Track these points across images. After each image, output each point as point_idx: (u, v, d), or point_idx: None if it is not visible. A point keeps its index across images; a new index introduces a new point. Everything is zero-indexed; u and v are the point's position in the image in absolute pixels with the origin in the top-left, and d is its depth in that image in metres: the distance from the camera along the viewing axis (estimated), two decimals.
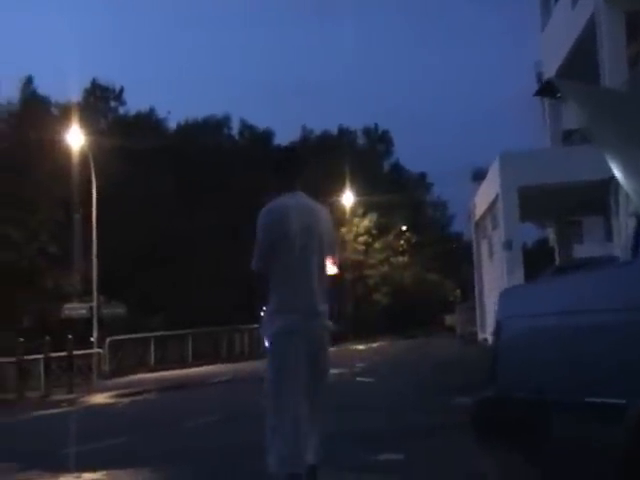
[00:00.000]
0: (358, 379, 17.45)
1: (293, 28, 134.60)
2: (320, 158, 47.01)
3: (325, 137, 54.44)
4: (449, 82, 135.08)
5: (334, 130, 55.54)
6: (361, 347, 35.27)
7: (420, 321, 48.60)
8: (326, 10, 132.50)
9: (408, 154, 78.42)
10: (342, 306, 48.22)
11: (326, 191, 44.82)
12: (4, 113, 38.88)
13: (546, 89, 5.08)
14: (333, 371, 16.14)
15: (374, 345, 36.93)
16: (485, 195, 29.90)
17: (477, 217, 34.10)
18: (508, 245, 23.43)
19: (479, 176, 32.55)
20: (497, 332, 4.76)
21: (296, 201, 4.57)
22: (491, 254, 30.22)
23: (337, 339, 39.05)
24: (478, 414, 4.68)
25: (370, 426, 9.36)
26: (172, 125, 46.53)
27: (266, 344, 4.44)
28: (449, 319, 47.79)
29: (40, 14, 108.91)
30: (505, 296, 5.05)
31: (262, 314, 4.50)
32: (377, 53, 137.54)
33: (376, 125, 57.57)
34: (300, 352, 4.30)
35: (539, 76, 27.66)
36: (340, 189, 46.64)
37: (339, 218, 48.74)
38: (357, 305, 47.95)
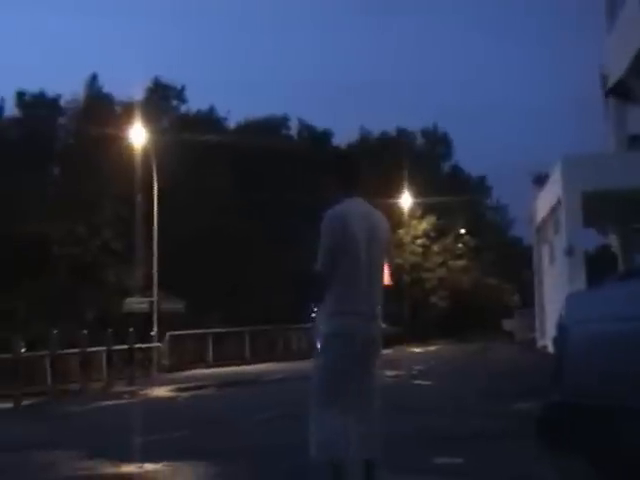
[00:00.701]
0: (415, 382, 17.36)
1: (352, 27, 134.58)
2: (378, 159, 46.97)
3: (383, 138, 54.26)
4: (509, 83, 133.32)
5: (393, 131, 55.34)
6: (418, 350, 35.09)
7: (478, 325, 48.09)
8: (385, 9, 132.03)
9: (467, 156, 77.72)
10: (399, 308, 48.09)
11: (384, 193, 44.81)
12: (70, 110, 39.90)
13: (617, 90, 5.01)
14: (390, 373, 16.09)
15: (431, 348, 36.69)
16: (546, 199, 29.45)
17: (538, 221, 33.60)
18: (570, 251, 23.03)
19: (540, 180, 32.06)
20: (563, 336, 4.69)
21: (357, 207, 4.69)
22: (552, 259, 29.74)
23: (393, 341, 39.02)
24: (542, 419, 4.62)
25: (428, 429, 9.31)
26: (231, 124, 47.02)
27: (318, 343, 4.57)
28: (507, 324, 47.18)
29: (106, 15, 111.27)
30: (571, 300, 4.98)
31: (314, 315, 4.66)
32: (437, 53, 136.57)
33: (435, 126, 57.18)
34: (354, 354, 4.43)
35: (603, 79, 27.06)
36: (398, 191, 46.48)
37: (397, 220, 48.57)
38: (414, 308, 47.71)
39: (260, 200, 39.63)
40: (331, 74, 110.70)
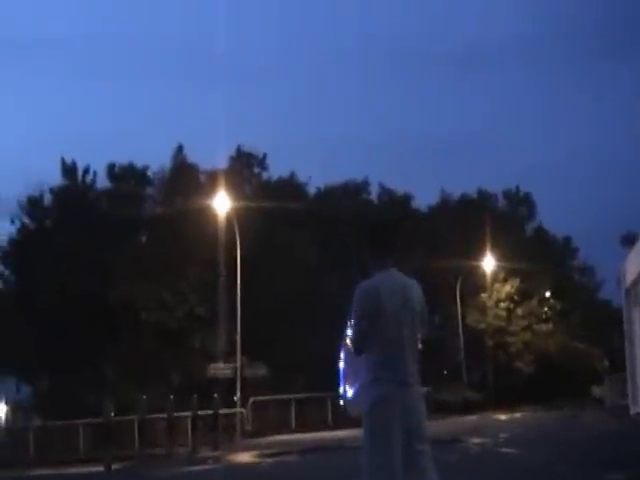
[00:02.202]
0: (502, 450, 16.92)
1: (430, 88, 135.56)
2: (460, 222, 46.73)
3: (464, 200, 54.02)
4: (593, 139, 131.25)
5: (473, 193, 55.07)
6: (503, 417, 34.13)
7: (565, 392, 46.52)
8: (465, 66, 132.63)
9: (552, 217, 76.19)
10: (482, 374, 47.07)
11: (466, 256, 44.42)
12: (156, 180, 41.40)
13: None
14: (475, 440, 15.76)
15: (517, 415, 35.62)
16: (638, 260, 28.64)
17: (628, 283, 32.60)
18: None
19: (629, 240, 31.29)
20: None
21: (389, 279, 4.81)
22: None
23: (477, 408, 38.07)
24: None
25: None
26: (312, 189, 47.66)
27: (362, 413, 4.74)
28: (597, 390, 45.48)
29: (189, 86, 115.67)
30: None
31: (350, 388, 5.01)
32: (516, 109, 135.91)
33: (517, 187, 56.59)
34: (395, 419, 4.57)
35: None
36: (481, 254, 45.99)
37: (479, 284, 47.96)
38: (498, 373, 46.60)
39: (342, 264, 39.80)
40: (411, 136, 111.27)
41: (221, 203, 30.08)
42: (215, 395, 22.87)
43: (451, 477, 11.82)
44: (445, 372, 47.25)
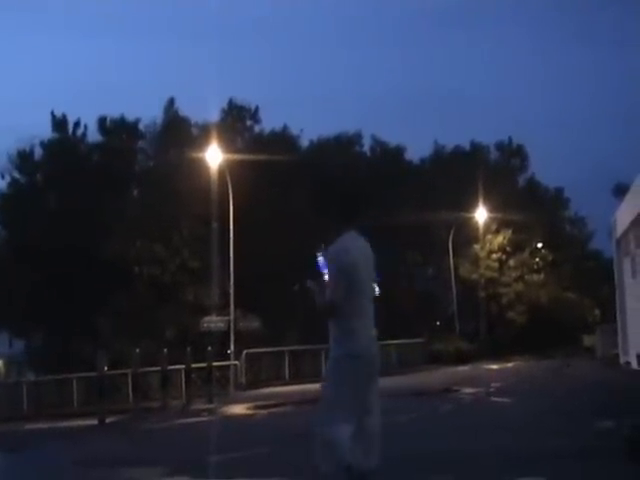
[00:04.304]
0: (493, 399, 17.10)
1: (423, 42, 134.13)
2: (452, 173, 46.60)
3: (457, 152, 53.80)
4: (586, 91, 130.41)
5: (466, 145, 54.82)
6: (495, 367, 34.49)
7: (557, 341, 46.99)
8: (458, 22, 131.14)
9: (544, 168, 76.01)
10: (475, 324, 47.45)
11: (458, 207, 44.41)
12: (148, 133, 41.02)
13: None
14: (467, 390, 15.89)
15: (509, 365, 36.00)
16: (629, 211, 28.67)
17: (619, 234, 32.72)
18: None
19: (621, 191, 31.28)
20: None
21: (356, 241, 5.24)
22: (634, 273, 28.90)
23: (469, 358, 38.44)
24: (633, 438, 4.53)
25: (507, 448, 9.17)
26: (305, 142, 47.35)
27: (332, 363, 5.12)
28: (588, 340, 45.92)
29: (180, 39, 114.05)
30: None
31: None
32: (509, 62, 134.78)
33: (510, 139, 56.34)
34: (361, 373, 4.99)
35: None
36: (473, 205, 45.98)
37: (472, 235, 48.06)
38: (491, 324, 46.98)
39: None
40: (403, 89, 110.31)
41: (213, 156, 29.85)
42: (209, 348, 22.97)
43: (445, 426, 11.97)
44: (438, 323, 47.63)
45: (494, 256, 48.72)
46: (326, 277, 5.14)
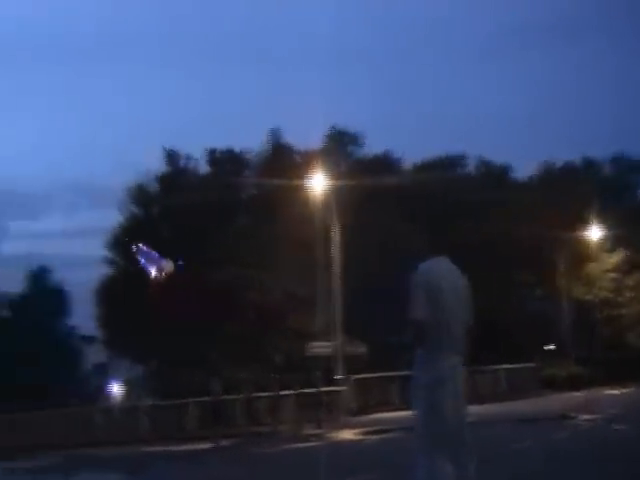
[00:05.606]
0: (614, 427, 16.27)
1: (526, 58, 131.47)
2: (563, 190, 45.19)
3: (568, 169, 52.21)
4: None
5: (578, 161, 53.16)
6: (614, 392, 33.01)
7: None
8: (565, 34, 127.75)
9: None
10: (589, 347, 45.58)
11: (570, 226, 42.97)
12: (254, 162, 41.95)
13: None
14: (585, 417, 15.16)
15: (626, 390, 34.41)
16: None
17: None
18: None
19: None
20: None
21: (442, 264, 5.38)
22: None
23: (585, 383, 36.86)
24: None
25: None
26: (407, 165, 47.03)
27: (416, 390, 5.17)
28: None
29: (284, 69, 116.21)
30: None
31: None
32: (618, 75, 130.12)
33: (624, 154, 54.28)
34: (449, 398, 4.96)
35: None
36: (585, 223, 44.44)
37: (585, 253, 46.32)
38: (607, 346, 45.04)
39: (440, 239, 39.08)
40: (509, 106, 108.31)
41: (317, 182, 30.10)
42: (317, 373, 22.99)
43: (561, 454, 11.45)
44: (551, 347, 46.05)
45: (609, 276, 46.84)
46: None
